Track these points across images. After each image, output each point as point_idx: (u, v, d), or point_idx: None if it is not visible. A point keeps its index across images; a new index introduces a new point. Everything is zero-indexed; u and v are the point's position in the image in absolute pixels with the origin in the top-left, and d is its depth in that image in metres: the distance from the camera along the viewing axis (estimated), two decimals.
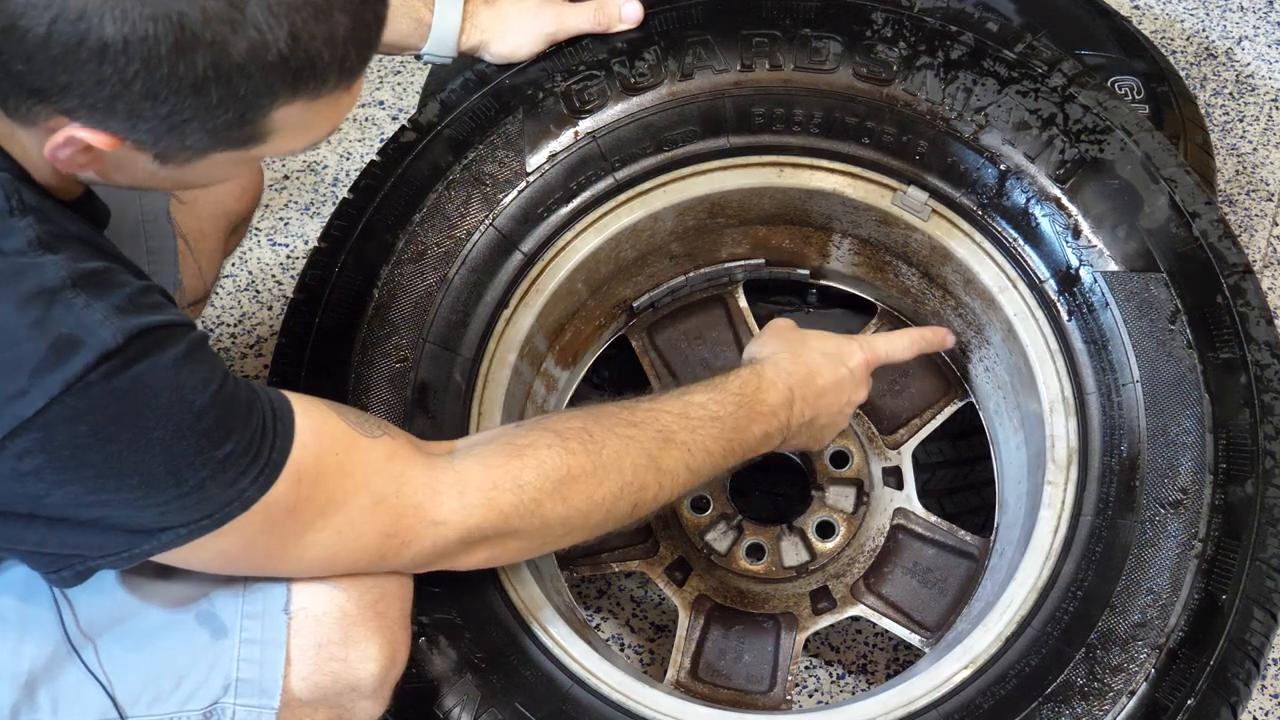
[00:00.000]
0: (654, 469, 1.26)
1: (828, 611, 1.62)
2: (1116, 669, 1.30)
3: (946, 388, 1.69)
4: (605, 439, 1.24)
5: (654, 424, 1.29)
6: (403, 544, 1.16)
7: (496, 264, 1.51)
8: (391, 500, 1.15)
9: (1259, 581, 1.31)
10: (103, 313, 0.98)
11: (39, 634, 1.15)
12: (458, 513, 1.17)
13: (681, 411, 1.31)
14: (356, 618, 1.18)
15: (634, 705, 1.36)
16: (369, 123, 2.42)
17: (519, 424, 1.29)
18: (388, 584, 1.21)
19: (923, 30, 1.53)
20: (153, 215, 1.53)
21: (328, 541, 1.13)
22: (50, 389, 0.96)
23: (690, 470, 1.30)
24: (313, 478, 1.10)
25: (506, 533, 1.21)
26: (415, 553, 1.18)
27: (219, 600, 1.17)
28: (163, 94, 0.95)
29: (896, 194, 1.54)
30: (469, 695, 1.31)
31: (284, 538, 1.11)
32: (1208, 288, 1.41)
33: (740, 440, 1.35)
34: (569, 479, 1.21)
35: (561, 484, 1.21)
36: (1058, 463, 1.42)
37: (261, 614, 1.17)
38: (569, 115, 1.54)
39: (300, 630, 1.16)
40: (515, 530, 1.21)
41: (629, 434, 1.26)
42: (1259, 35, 2.56)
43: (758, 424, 1.36)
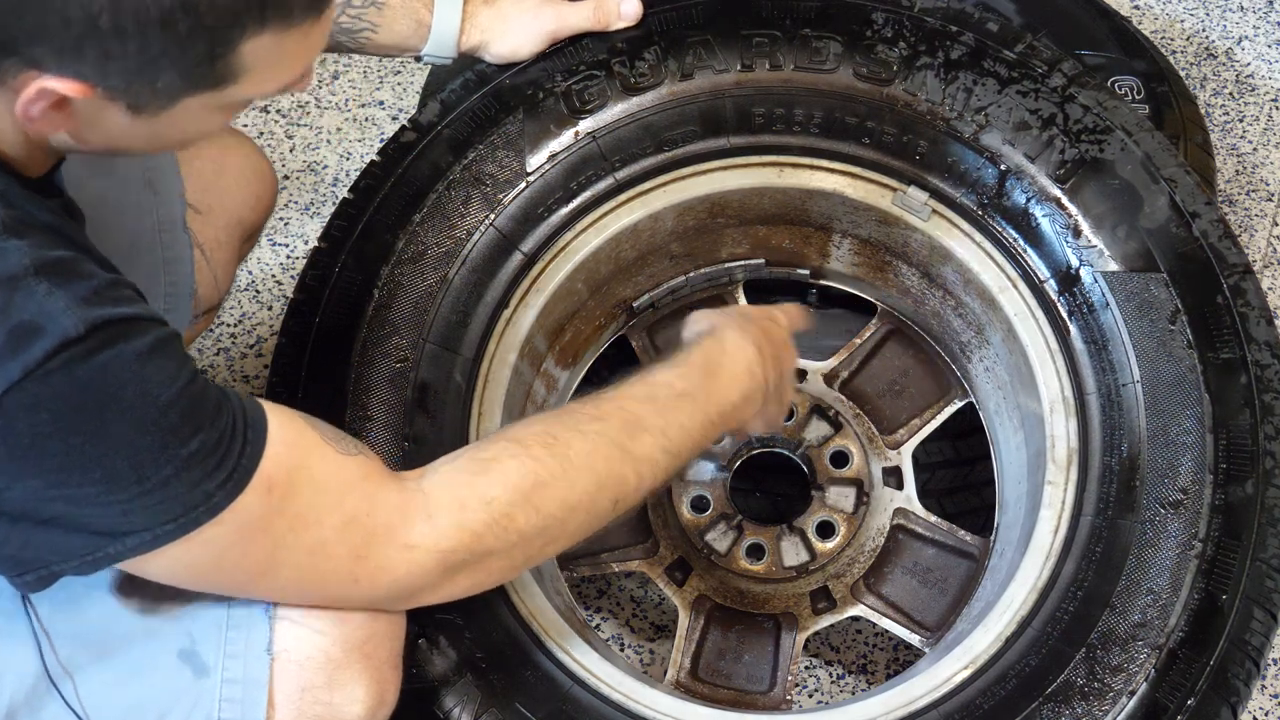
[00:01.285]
0: (628, 459, 1.21)
1: (828, 611, 1.62)
2: (1116, 669, 1.30)
3: (946, 388, 1.69)
4: (570, 439, 1.20)
5: (620, 414, 1.24)
6: (377, 568, 1.12)
7: (497, 264, 1.51)
8: (363, 519, 1.11)
9: (1259, 581, 1.31)
10: (66, 301, 0.97)
11: (19, 667, 1.13)
12: (429, 536, 1.13)
13: (647, 395, 1.26)
14: (341, 661, 1.15)
15: (634, 705, 1.36)
16: (369, 123, 2.42)
17: (482, 440, 1.25)
18: (376, 625, 1.18)
19: (923, 30, 1.53)
20: (169, 225, 1.53)
21: (300, 561, 1.09)
22: (9, 376, 0.95)
23: (669, 453, 1.25)
24: (284, 489, 1.07)
25: (483, 553, 1.16)
26: (392, 581, 1.13)
27: (201, 638, 1.15)
28: (130, 28, 0.94)
29: (896, 194, 1.54)
30: (469, 695, 1.31)
31: (254, 553, 1.08)
32: (1208, 288, 1.41)
33: (718, 409, 1.30)
34: (538, 486, 1.16)
35: (532, 493, 1.16)
36: (1058, 463, 1.42)
37: (244, 654, 1.14)
38: (569, 115, 1.54)
39: (284, 673, 1.14)
40: (492, 549, 1.16)
41: (595, 429, 1.21)
42: (1259, 35, 2.56)
43: (733, 387, 1.31)
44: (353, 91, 2.46)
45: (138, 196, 1.52)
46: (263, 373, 2.10)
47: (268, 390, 1.45)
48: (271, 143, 2.38)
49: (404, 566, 1.12)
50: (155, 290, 1.53)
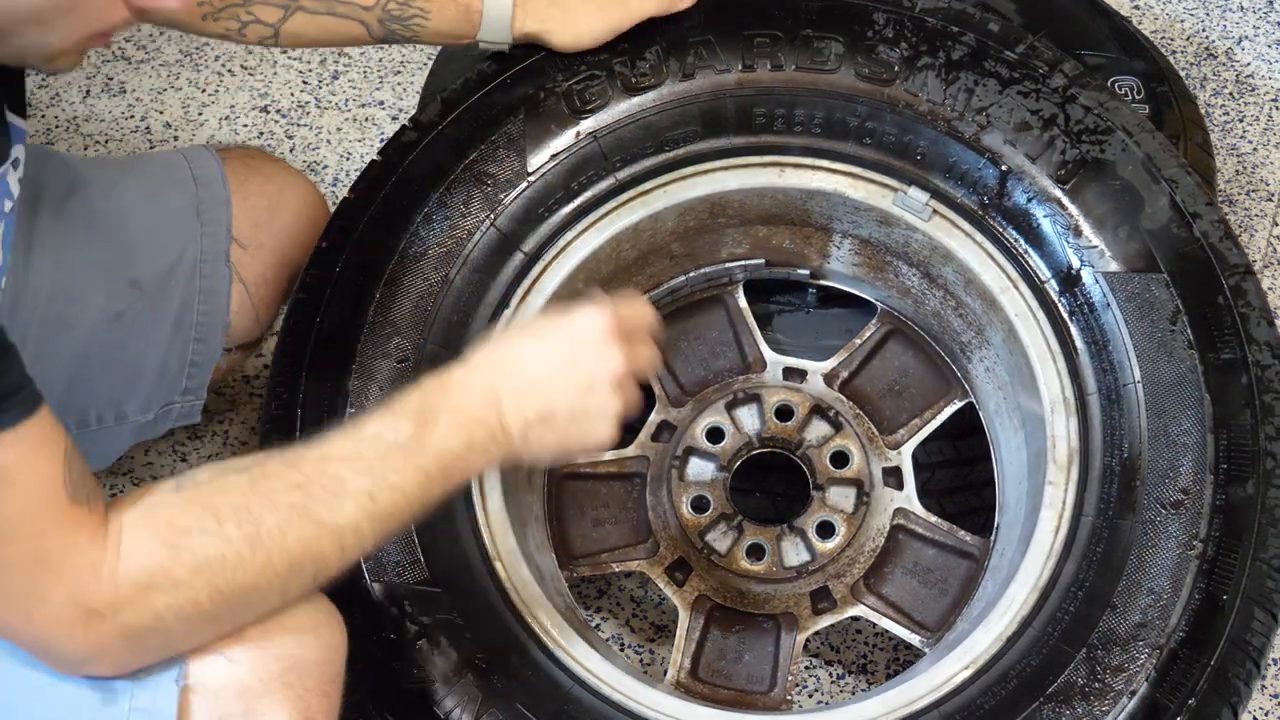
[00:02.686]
0: (327, 533, 1.10)
1: (828, 612, 1.62)
2: (1117, 669, 1.30)
3: (946, 388, 1.69)
4: (264, 513, 1.08)
5: (321, 478, 1.11)
6: (52, 618, 1.03)
7: (497, 264, 1.51)
8: (55, 567, 1.03)
9: (1260, 582, 1.31)
10: None
11: None
12: (112, 606, 1.04)
13: (353, 452, 1.12)
14: (258, 690, 1.10)
15: (634, 705, 1.36)
16: (369, 123, 2.42)
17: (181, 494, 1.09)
18: (300, 652, 1.13)
19: (924, 31, 1.53)
20: (211, 257, 1.55)
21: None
22: None
23: (375, 518, 1.11)
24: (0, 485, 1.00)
25: (164, 631, 1.06)
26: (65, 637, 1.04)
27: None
28: None
29: (897, 194, 1.54)
30: (470, 695, 1.31)
31: None
32: (1209, 288, 1.41)
33: (436, 462, 1.14)
34: (225, 570, 1.06)
35: (217, 576, 1.06)
36: (1058, 463, 1.42)
37: (153, 683, 1.09)
38: (570, 115, 1.54)
39: (198, 705, 1.09)
40: (172, 629, 1.07)
41: (292, 500, 1.09)
42: (1259, 35, 2.56)
43: (454, 436, 1.14)
44: (353, 91, 2.46)
45: (185, 226, 1.54)
46: (263, 373, 2.10)
47: (267, 390, 1.45)
48: (271, 143, 2.38)
49: (79, 630, 1.04)
50: (188, 318, 1.55)
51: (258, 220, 1.58)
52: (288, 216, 1.61)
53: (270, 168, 1.64)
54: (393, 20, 1.51)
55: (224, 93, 2.46)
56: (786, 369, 1.72)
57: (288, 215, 1.61)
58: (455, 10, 1.51)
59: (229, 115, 2.42)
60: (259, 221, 1.58)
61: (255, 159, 1.64)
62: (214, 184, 1.56)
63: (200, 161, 1.58)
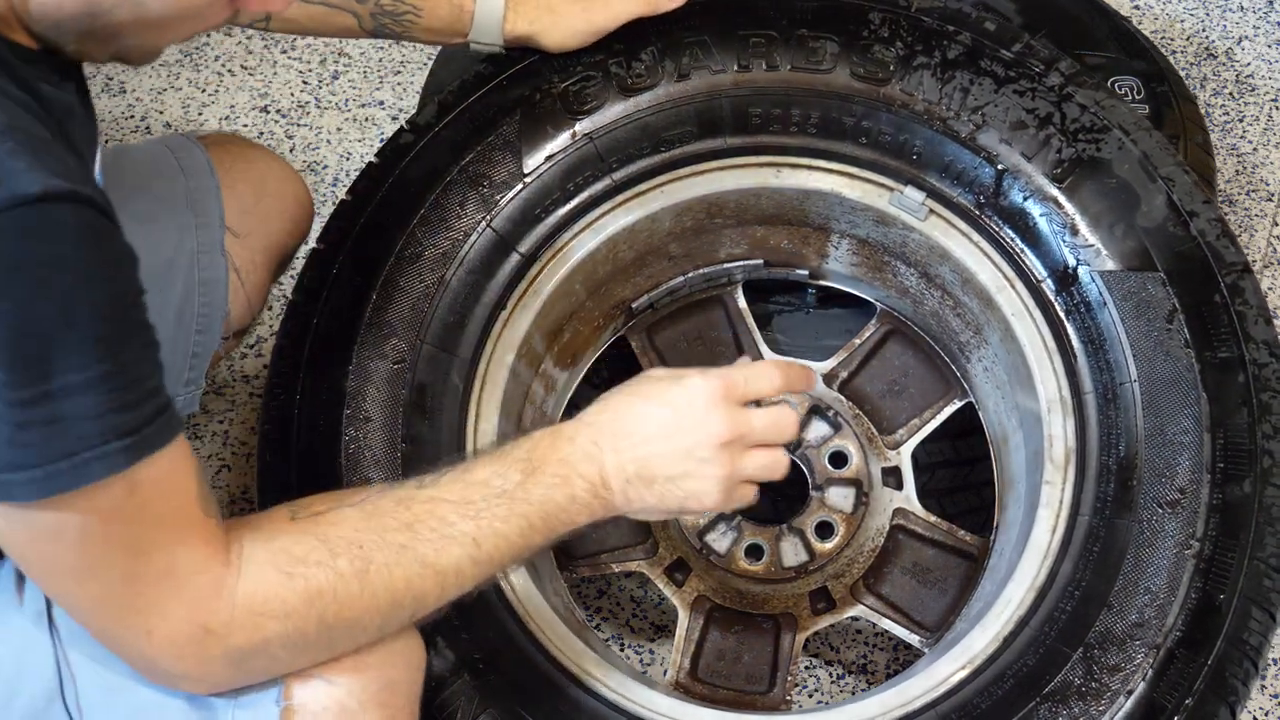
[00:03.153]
0: (431, 574, 1.12)
1: (827, 612, 1.62)
2: (1114, 669, 1.29)
3: (946, 388, 1.69)
4: (374, 550, 1.10)
5: (430, 519, 1.13)
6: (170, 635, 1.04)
7: (494, 265, 1.52)
8: (182, 579, 1.04)
9: (1257, 581, 1.31)
10: (28, 163, 0.92)
11: (33, 687, 1.13)
12: (226, 626, 1.05)
13: (461, 496, 1.15)
14: (356, 711, 1.13)
15: (633, 706, 1.36)
16: (369, 123, 2.42)
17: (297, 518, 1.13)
18: (393, 673, 1.15)
19: (920, 30, 1.53)
20: (208, 247, 1.54)
21: (113, 581, 1.02)
22: None
23: (478, 563, 1.14)
24: (142, 502, 1.01)
25: (267, 657, 1.09)
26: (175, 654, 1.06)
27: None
28: None
29: (894, 194, 1.54)
30: (467, 696, 1.31)
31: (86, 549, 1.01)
32: (1205, 287, 1.41)
33: (542, 513, 1.16)
34: (333, 603, 1.08)
35: (325, 610, 1.08)
36: (1055, 462, 1.42)
37: (254, 704, 1.11)
38: (566, 116, 1.54)
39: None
40: (276, 656, 1.09)
41: (401, 540, 1.12)
42: (1259, 35, 2.56)
43: (559, 489, 1.17)
44: (353, 91, 2.47)
45: (179, 218, 1.53)
46: (262, 373, 2.10)
47: (267, 390, 1.46)
48: (271, 143, 2.38)
49: (190, 648, 1.05)
50: (189, 310, 1.54)
51: (245, 208, 1.57)
52: (273, 201, 1.61)
53: (251, 153, 1.63)
54: (384, 15, 1.51)
55: (224, 93, 2.46)
56: None
57: (273, 200, 1.61)
58: (447, 9, 1.52)
59: (229, 115, 2.43)
60: (246, 209, 1.57)
61: (235, 145, 1.63)
62: (202, 174, 1.55)
63: (185, 151, 1.57)
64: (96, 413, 0.95)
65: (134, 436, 0.97)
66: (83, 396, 0.94)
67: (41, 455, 0.95)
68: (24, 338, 0.92)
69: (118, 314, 0.97)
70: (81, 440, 0.95)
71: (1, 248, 0.91)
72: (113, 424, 0.96)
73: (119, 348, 0.97)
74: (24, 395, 0.93)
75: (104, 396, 0.95)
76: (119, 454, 0.97)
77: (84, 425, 0.95)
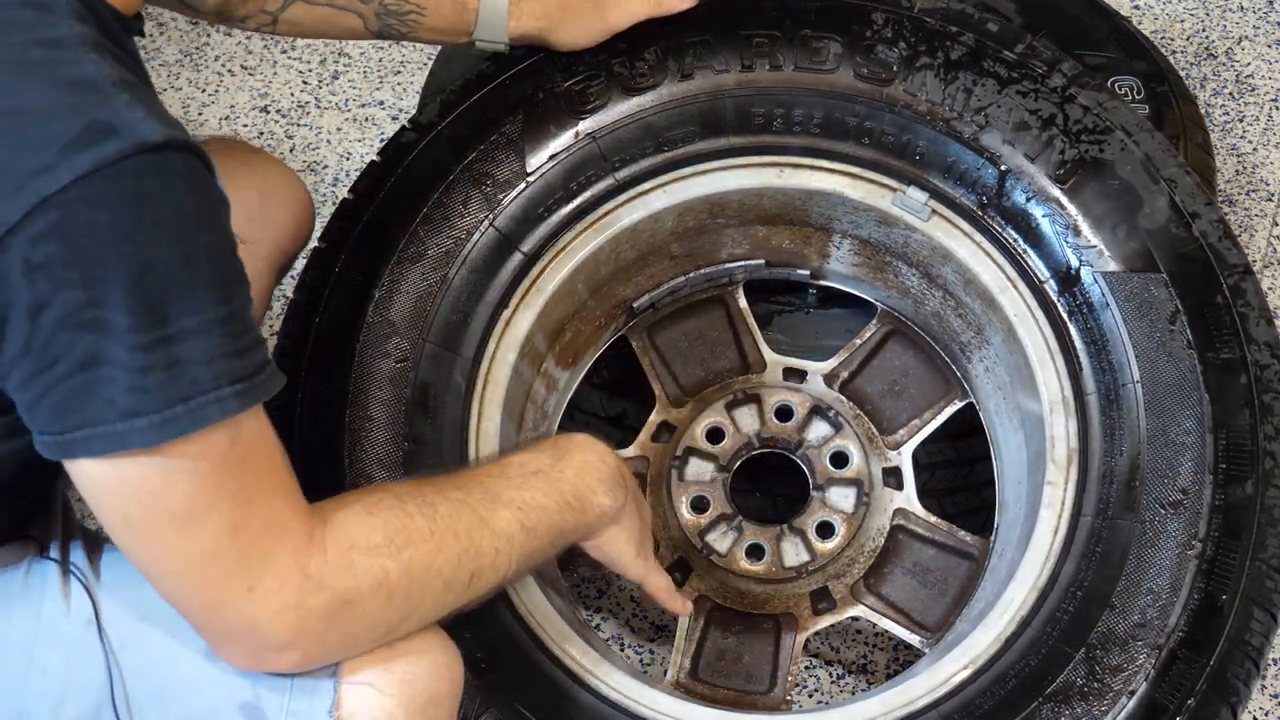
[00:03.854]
0: (487, 531, 1.18)
1: (828, 612, 1.62)
2: (1116, 669, 1.30)
3: (946, 388, 1.69)
4: (437, 502, 1.17)
5: (478, 485, 1.22)
6: (274, 586, 1.06)
7: (496, 264, 1.51)
8: (282, 529, 1.07)
9: (1259, 582, 1.31)
10: (144, 114, 0.95)
11: (85, 691, 1.13)
12: (322, 569, 1.08)
13: (500, 471, 1.25)
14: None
15: (634, 705, 1.36)
16: (369, 123, 2.42)
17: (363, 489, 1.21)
18: (439, 687, 1.18)
19: (923, 30, 1.53)
20: None
21: (219, 533, 1.04)
22: (78, 167, 0.92)
23: (525, 528, 1.21)
24: (243, 453, 1.03)
25: (358, 601, 1.10)
26: (279, 606, 1.07)
27: (265, 693, 1.14)
28: None
29: (896, 194, 1.54)
30: (468, 695, 1.31)
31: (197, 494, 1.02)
32: (1208, 288, 1.41)
33: (573, 490, 1.27)
34: (409, 544, 1.13)
35: (403, 549, 1.13)
36: (1058, 463, 1.42)
37: (306, 713, 1.13)
38: (569, 115, 1.54)
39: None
40: (364, 601, 1.11)
41: (458, 496, 1.19)
42: (1259, 35, 2.56)
43: (587, 474, 1.29)
44: (353, 91, 2.47)
45: None
46: None
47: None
48: (271, 143, 2.38)
49: (295, 595, 1.07)
50: None
51: (250, 214, 1.57)
52: (277, 208, 1.61)
53: (255, 159, 1.63)
54: (389, 15, 1.51)
55: (224, 93, 2.46)
56: (786, 369, 1.72)
57: (276, 206, 1.61)
58: (451, 8, 1.51)
59: (229, 115, 2.42)
60: (251, 215, 1.57)
61: (239, 150, 1.63)
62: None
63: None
64: (211, 356, 0.98)
65: (246, 383, 1.01)
66: (200, 339, 0.97)
67: (160, 400, 0.97)
68: (147, 282, 0.95)
69: (227, 258, 1.00)
70: (196, 385, 0.98)
71: (124, 193, 0.94)
72: (226, 368, 0.99)
73: (231, 291, 1.00)
74: (145, 339, 0.96)
75: (219, 340, 0.98)
76: (232, 398, 1.00)
77: (200, 369, 0.98)
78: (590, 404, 1.80)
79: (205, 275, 0.98)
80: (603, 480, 1.30)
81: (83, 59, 0.97)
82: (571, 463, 1.28)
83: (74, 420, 0.98)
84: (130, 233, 0.94)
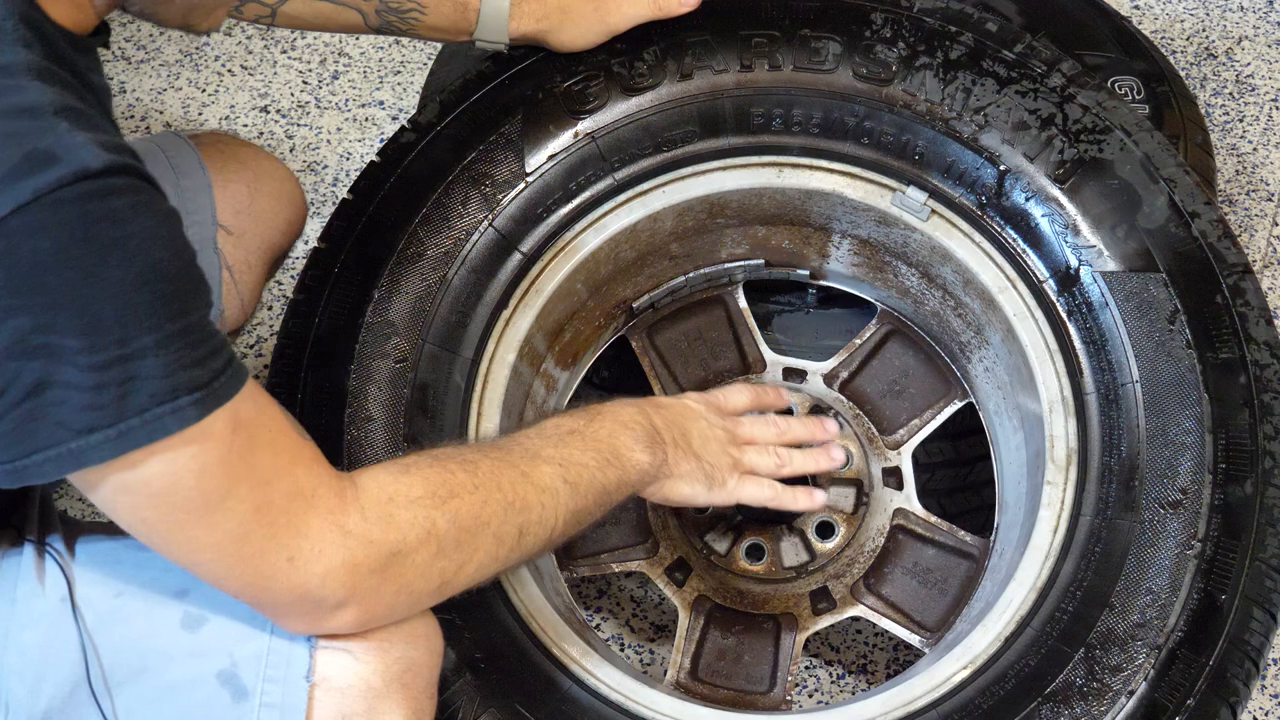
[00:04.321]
0: (531, 485, 1.21)
1: (827, 612, 1.62)
2: (1116, 669, 1.30)
3: (946, 388, 1.69)
4: (478, 460, 1.20)
5: (518, 445, 1.25)
6: (314, 551, 1.08)
7: (496, 264, 1.52)
8: (309, 495, 1.08)
9: (1258, 582, 1.31)
10: (85, 139, 0.96)
11: (61, 671, 1.13)
12: (361, 525, 1.10)
13: (537, 432, 1.28)
14: (382, 691, 1.15)
15: (634, 705, 1.36)
16: (369, 123, 2.42)
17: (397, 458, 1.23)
18: (415, 654, 1.18)
19: (922, 30, 1.53)
20: (200, 245, 1.51)
21: (245, 515, 1.05)
22: (19, 196, 0.92)
23: (568, 483, 1.24)
24: (248, 436, 1.04)
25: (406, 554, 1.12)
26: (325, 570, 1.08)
27: (242, 661, 1.14)
28: None
29: (895, 194, 1.54)
30: (468, 695, 1.31)
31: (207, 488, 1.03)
32: (1207, 288, 1.41)
33: (610, 447, 1.30)
34: (453, 496, 1.15)
35: (449, 500, 1.15)
36: (1057, 463, 1.42)
37: (283, 679, 1.14)
38: (568, 116, 1.54)
39: (324, 701, 1.14)
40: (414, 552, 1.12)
41: (498, 455, 1.22)
42: (1259, 35, 2.56)
43: (620, 432, 1.32)
44: (353, 91, 2.47)
45: None
46: (263, 373, 2.10)
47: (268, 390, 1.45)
48: (271, 143, 2.38)
49: (339, 554, 1.08)
50: None
51: (239, 207, 1.57)
52: (267, 201, 1.61)
53: (245, 153, 1.63)
54: (389, 12, 1.51)
55: (224, 93, 2.46)
56: (786, 369, 1.72)
57: (267, 199, 1.61)
58: (452, 7, 1.51)
59: (229, 115, 2.43)
60: (240, 208, 1.57)
61: (229, 145, 1.63)
62: (194, 172, 1.55)
63: (176, 149, 1.56)
64: (170, 370, 0.98)
65: (205, 389, 1.00)
66: (157, 355, 0.97)
67: (115, 414, 0.97)
68: (98, 305, 0.95)
69: (180, 272, 1.00)
70: (154, 397, 0.98)
71: (70, 219, 0.94)
72: (186, 379, 0.99)
73: (188, 304, 1.00)
74: (100, 359, 0.96)
75: (176, 353, 0.98)
76: (190, 408, 1.00)
77: (158, 383, 0.98)
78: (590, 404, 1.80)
79: (158, 292, 0.97)
80: (638, 439, 1.32)
81: (26, 86, 0.97)
82: (604, 423, 1.31)
83: (26, 447, 0.98)
84: (76, 257, 0.94)
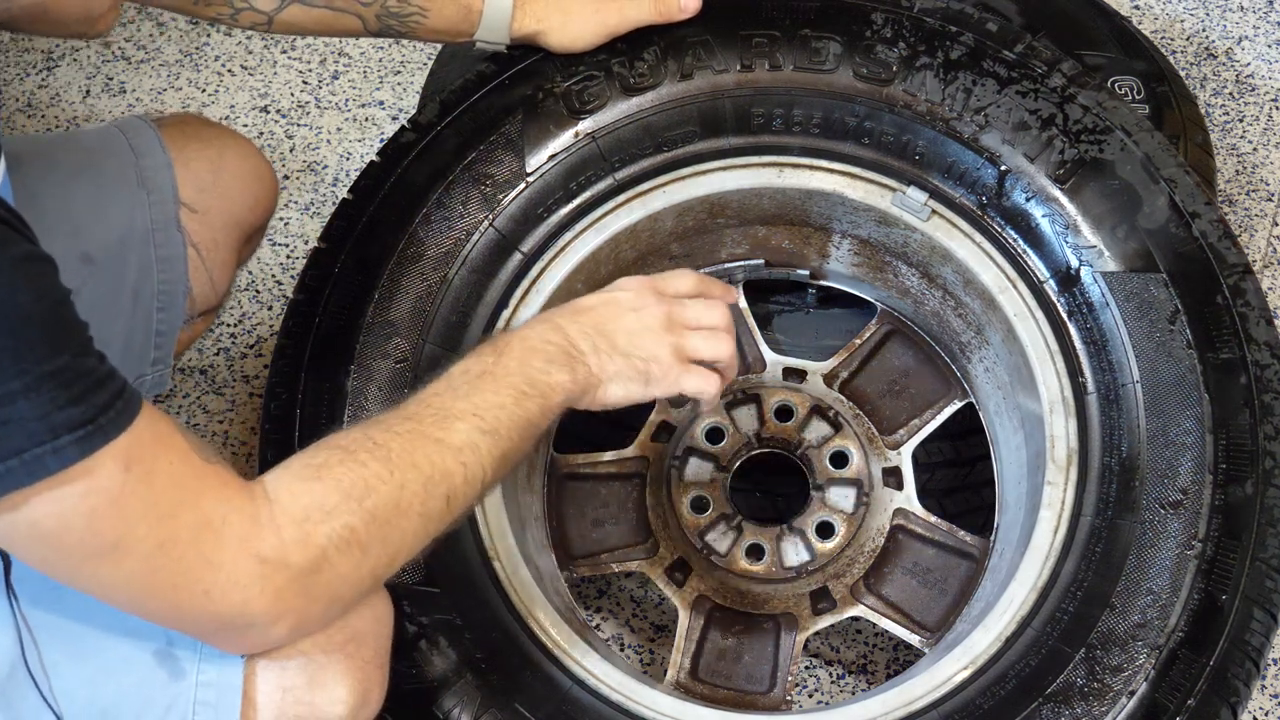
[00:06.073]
0: (448, 450, 1.16)
1: (828, 612, 1.62)
2: (1116, 669, 1.30)
3: (947, 388, 1.69)
4: (388, 441, 1.14)
5: (428, 408, 1.19)
6: (229, 582, 1.05)
7: (496, 264, 1.52)
8: (218, 525, 1.04)
9: (1259, 582, 1.31)
10: None
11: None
12: (278, 549, 1.06)
13: (446, 386, 1.22)
14: (323, 661, 1.14)
15: (634, 706, 1.36)
16: (369, 123, 2.42)
17: (308, 448, 1.16)
18: (358, 624, 1.17)
19: (922, 30, 1.53)
20: (162, 224, 1.52)
21: (149, 553, 1.02)
22: None
23: (487, 432, 1.18)
24: (143, 472, 1.01)
25: (328, 569, 1.09)
26: (242, 599, 1.06)
27: (178, 639, 1.14)
28: None
29: (896, 194, 1.54)
30: (469, 696, 1.31)
31: (103, 529, 1.01)
32: (1207, 288, 1.41)
33: (527, 379, 1.23)
34: (369, 492, 1.11)
35: (364, 499, 1.11)
36: (1057, 463, 1.42)
37: (220, 657, 1.13)
38: (569, 116, 1.54)
39: (264, 674, 1.13)
40: (335, 565, 1.09)
41: (407, 428, 1.16)
42: (1259, 35, 2.56)
43: (533, 356, 1.25)
44: (353, 91, 2.46)
45: (129, 194, 1.51)
46: (263, 373, 2.10)
47: (267, 390, 1.46)
48: (271, 143, 2.38)
49: (256, 582, 1.06)
50: (147, 287, 1.53)
51: (202, 185, 1.57)
52: (231, 179, 1.60)
53: (208, 132, 1.63)
54: (390, 16, 1.51)
55: (224, 93, 2.46)
56: (786, 369, 1.72)
57: (231, 177, 1.60)
58: (454, 10, 1.52)
59: (229, 115, 2.42)
60: (203, 186, 1.57)
61: (192, 124, 1.63)
62: (153, 151, 1.54)
63: (135, 131, 1.56)
64: (44, 411, 0.96)
65: (88, 426, 0.98)
66: (29, 398, 0.95)
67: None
68: None
69: (49, 313, 0.97)
70: (32, 438, 0.95)
71: None
72: (64, 419, 0.96)
73: (60, 344, 0.97)
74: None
75: (50, 394, 0.96)
76: (71, 447, 0.97)
77: (34, 425, 0.95)
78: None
79: (25, 337, 0.95)
80: (551, 359, 1.26)
81: None
82: (513, 353, 1.25)
83: None
84: None
